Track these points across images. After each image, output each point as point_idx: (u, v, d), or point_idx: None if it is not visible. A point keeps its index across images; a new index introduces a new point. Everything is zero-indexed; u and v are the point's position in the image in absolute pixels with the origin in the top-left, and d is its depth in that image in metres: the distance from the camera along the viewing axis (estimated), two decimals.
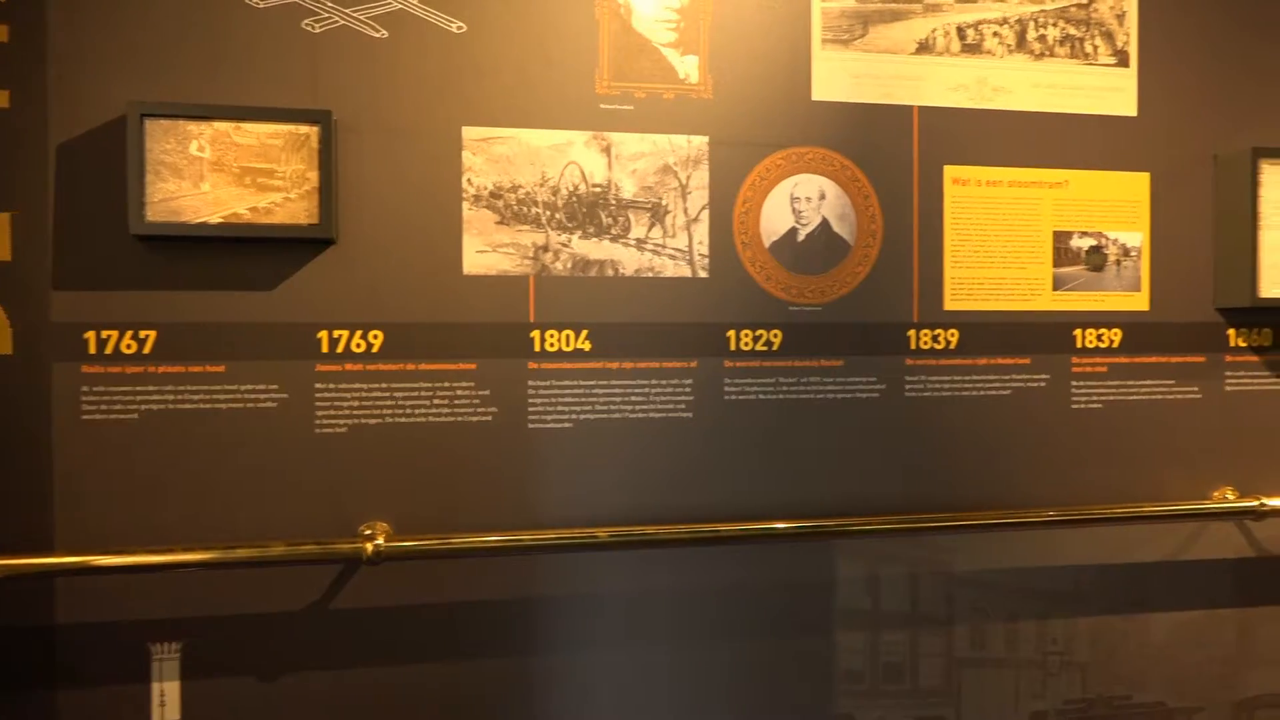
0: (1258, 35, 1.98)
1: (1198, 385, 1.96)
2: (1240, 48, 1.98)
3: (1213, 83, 1.96)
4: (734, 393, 1.76)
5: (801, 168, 1.78)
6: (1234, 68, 1.97)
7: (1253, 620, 2.00)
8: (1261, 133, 1.98)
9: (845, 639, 1.81)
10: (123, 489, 1.56)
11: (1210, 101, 1.96)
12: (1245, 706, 1.99)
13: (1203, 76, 1.96)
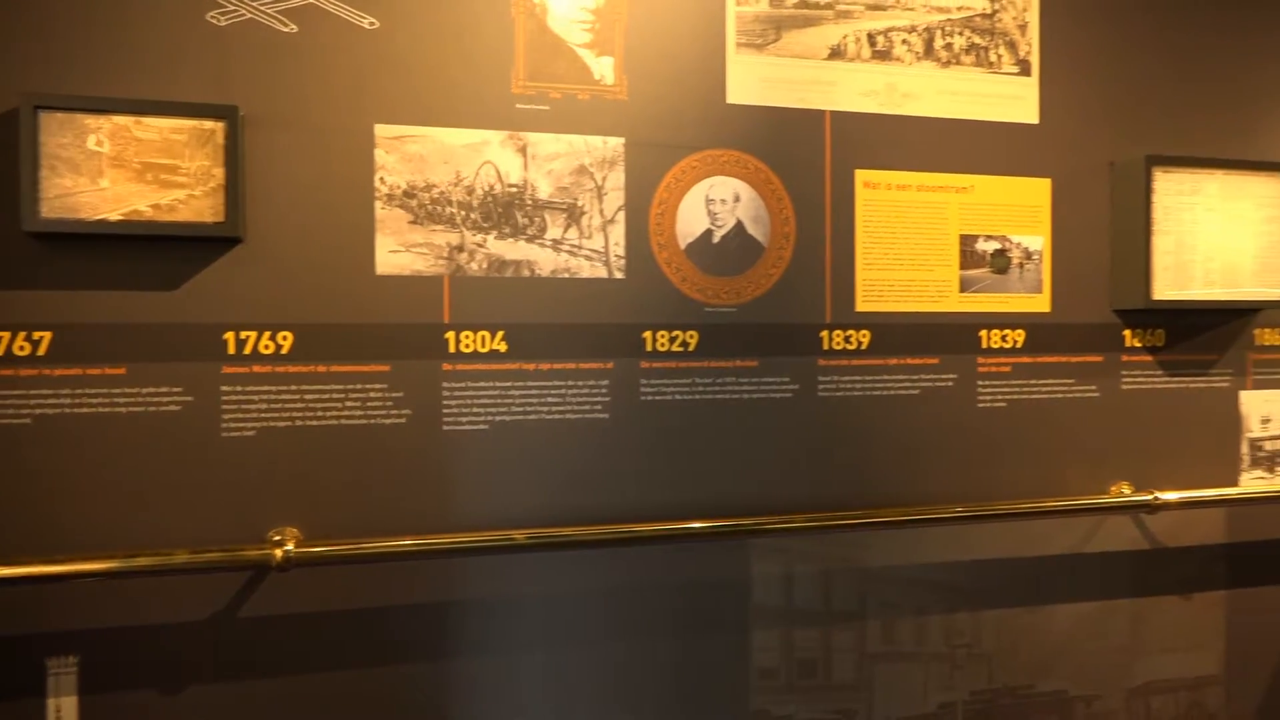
0: (1151, 49, 2.13)
1: (1096, 384, 2.09)
2: (1134, 61, 2.12)
3: (1109, 93, 2.10)
4: (650, 393, 1.82)
5: (716, 170, 1.85)
6: (1129, 79, 2.12)
7: (1147, 610, 2.14)
8: (1155, 141, 2.12)
9: (760, 637, 1.89)
10: (16, 496, 1.54)
11: (1107, 111, 2.10)
12: (1140, 692, 2.14)
13: (1100, 87, 2.10)
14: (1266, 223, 2.13)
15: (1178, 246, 2.06)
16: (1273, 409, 2.23)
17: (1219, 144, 2.18)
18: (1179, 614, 2.16)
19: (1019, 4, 2.03)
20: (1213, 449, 2.18)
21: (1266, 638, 2.25)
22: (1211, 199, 2.09)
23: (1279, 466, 2.24)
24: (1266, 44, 2.22)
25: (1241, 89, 2.21)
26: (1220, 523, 2.20)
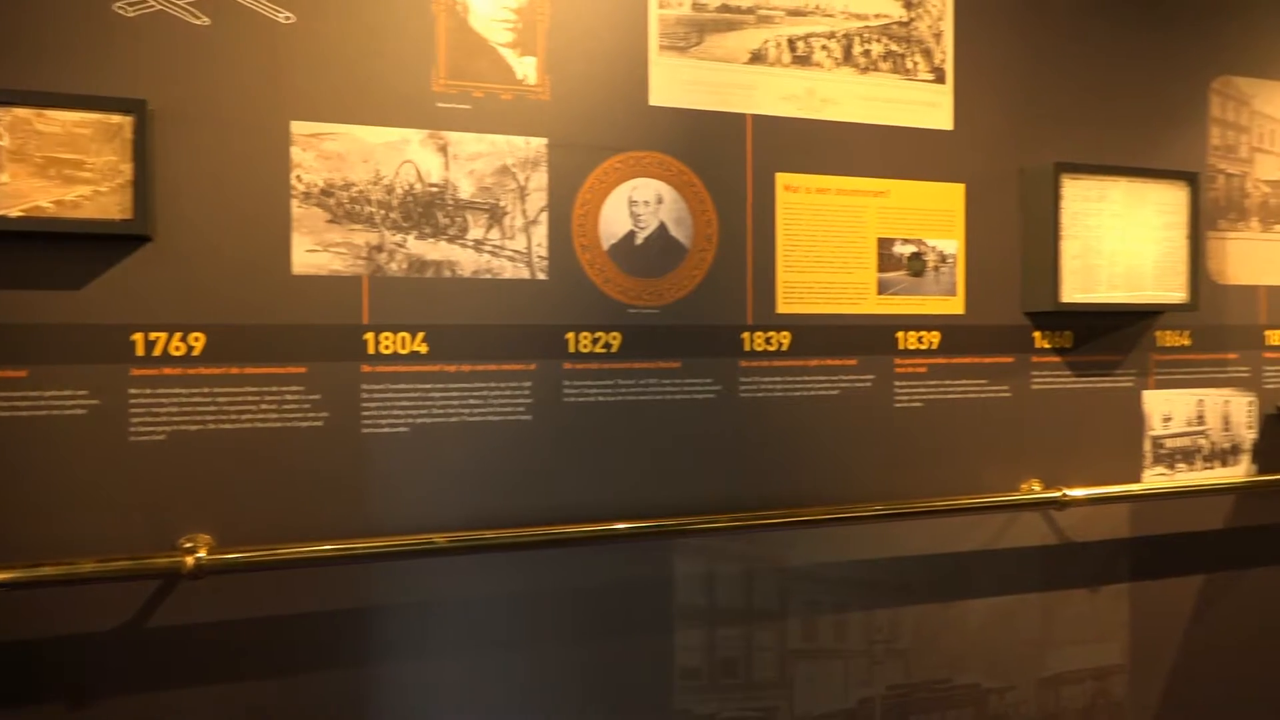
0: (1059, 63, 2.24)
1: (1008, 384, 2.19)
2: (1043, 72, 2.23)
3: (1020, 102, 2.21)
4: (573, 395, 1.85)
5: (639, 172, 1.89)
6: (1038, 90, 2.22)
7: (1056, 603, 2.25)
8: (1062, 149, 2.24)
9: (683, 636, 1.93)
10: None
11: (1018, 119, 2.20)
12: (1050, 683, 2.25)
13: (1011, 96, 2.20)
14: (1166, 229, 2.25)
15: (1084, 251, 2.17)
16: (1173, 408, 2.37)
17: (1123, 153, 2.30)
18: (1086, 606, 2.28)
19: (934, 13, 2.11)
20: (1117, 447, 2.30)
21: (1167, 628, 2.39)
22: (1116, 205, 2.21)
23: (1179, 464, 2.38)
24: (1164, 64, 2.35)
25: (1143, 103, 2.33)
26: (1124, 518, 2.32)
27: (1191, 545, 2.41)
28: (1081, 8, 2.26)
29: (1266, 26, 2.48)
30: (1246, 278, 2.46)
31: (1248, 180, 2.47)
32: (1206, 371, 2.41)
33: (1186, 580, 2.41)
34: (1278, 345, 2.50)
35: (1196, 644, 2.42)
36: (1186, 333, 2.38)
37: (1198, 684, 2.42)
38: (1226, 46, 2.43)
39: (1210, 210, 2.41)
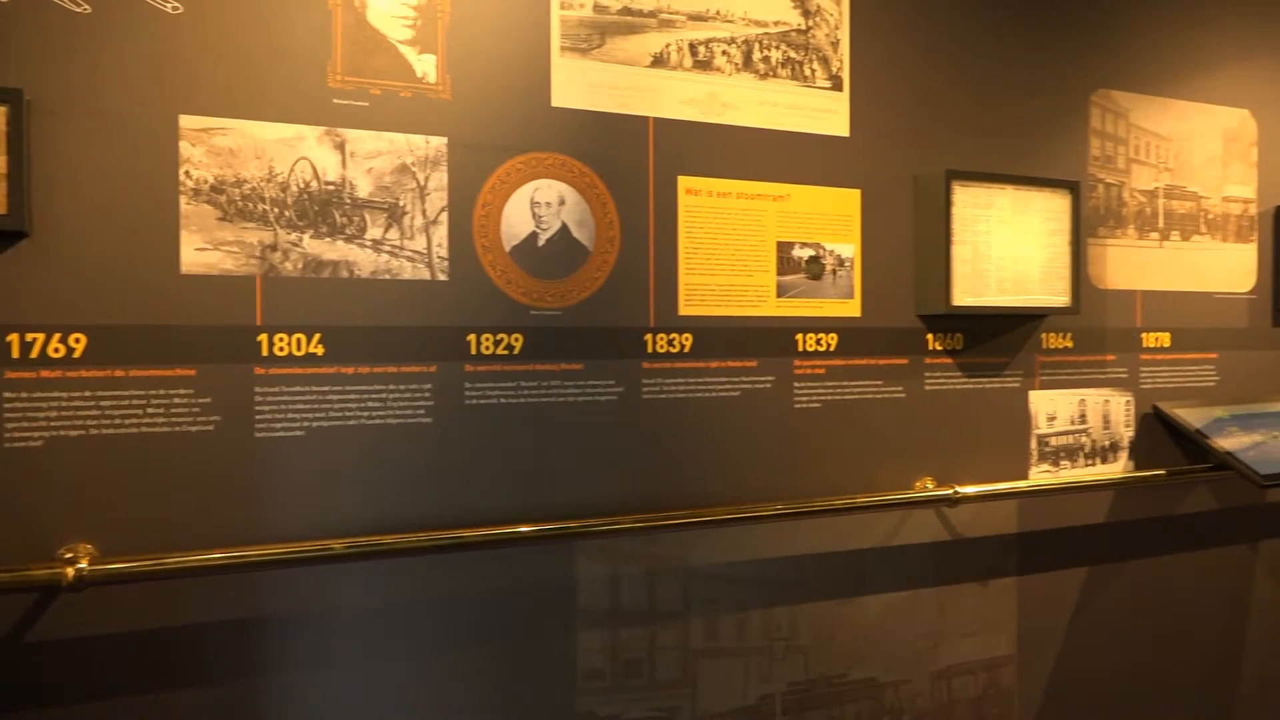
0: (951, 74, 2.36)
1: (902, 385, 2.30)
2: (936, 83, 2.34)
3: (914, 111, 2.31)
4: (475, 397, 1.87)
5: (541, 173, 1.92)
6: (931, 99, 2.34)
7: (949, 597, 2.37)
8: (953, 157, 2.35)
9: (586, 638, 1.97)
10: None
11: (911, 127, 2.31)
12: (943, 675, 2.36)
13: (905, 104, 2.30)
14: (1050, 235, 2.39)
15: (974, 255, 2.29)
16: (1057, 407, 2.51)
17: (1010, 162, 2.44)
18: (977, 600, 2.40)
19: (831, 22, 2.20)
20: (1006, 445, 2.43)
21: (1053, 619, 2.53)
22: (1003, 212, 2.34)
23: (1063, 461, 2.53)
24: (1048, 76, 2.50)
25: (1028, 113, 2.47)
26: (1012, 514, 2.45)
27: (1075, 539, 2.56)
28: (971, 21, 2.39)
29: (1142, 44, 2.66)
30: (1124, 283, 2.63)
31: (1125, 190, 2.64)
32: (1088, 372, 2.56)
33: (1070, 573, 2.55)
34: (1153, 347, 2.67)
35: (1080, 634, 2.57)
36: (1069, 335, 2.53)
37: (1082, 672, 2.57)
38: (1105, 61, 2.59)
39: (1090, 218, 2.56)
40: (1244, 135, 2.84)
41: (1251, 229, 2.85)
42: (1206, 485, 2.77)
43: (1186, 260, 2.74)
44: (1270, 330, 2.89)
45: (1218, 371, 2.79)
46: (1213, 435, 2.60)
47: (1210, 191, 2.77)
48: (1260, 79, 2.87)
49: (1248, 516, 2.87)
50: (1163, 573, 2.71)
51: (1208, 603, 2.80)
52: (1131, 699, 2.67)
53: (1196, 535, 2.77)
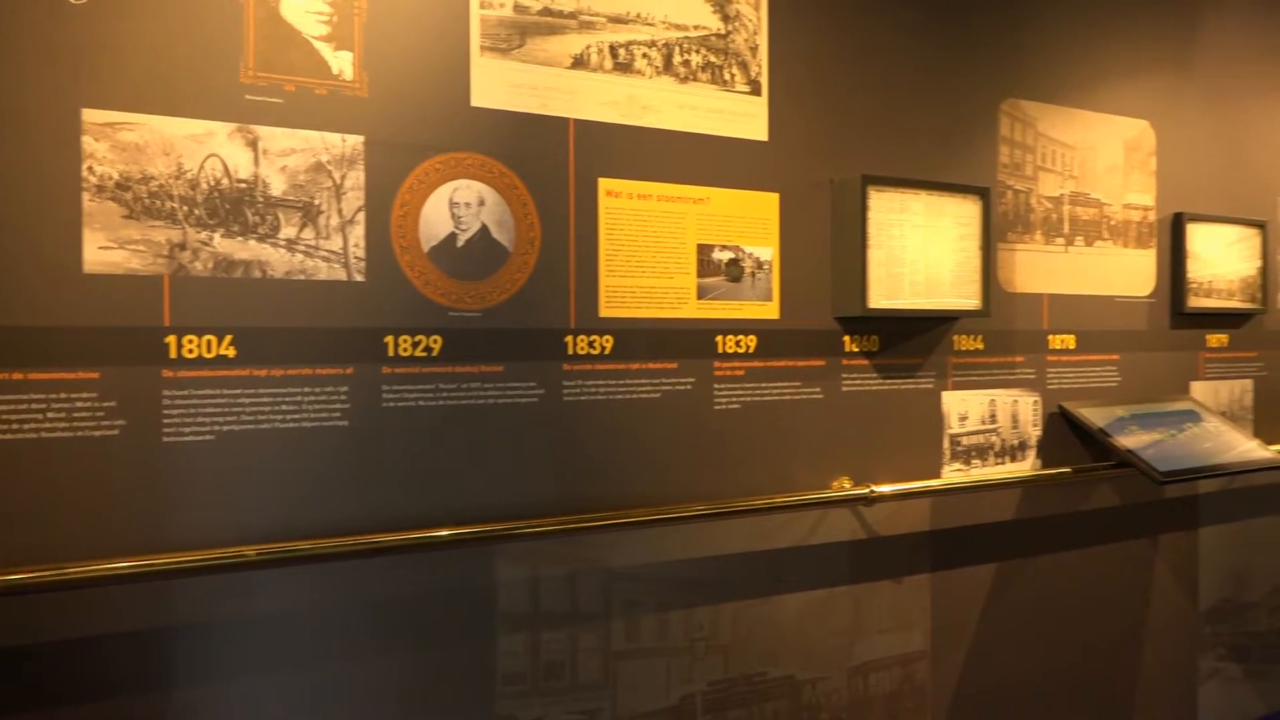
0: (866, 78, 2.42)
1: (820, 386, 2.35)
2: (853, 89, 2.40)
3: (831, 116, 2.37)
4: (393, 400, 1.85)
5: (460, 173, 1.92)
6: (848, 105, 2.39)
7: (865, 594, 2.43)
8: (869, 162, 2.41)
9: (507, 641, 1.97)
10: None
11: (828, 132, 2.36)
12: (859, 671, 2.42)
13: (822, 109, 2.36)
14: (962, 239, 2.47)
15: (889, 259, 2.36)
16: (969, 407, 2.60)
17: (923, 167, 2.51)
18: (892, 597, 2.47)
19: (750, 27, 2.24)
20: (919, 444, 2.51)
21: (964, 614, 2.61)
22: (917, 216, 2.41)
23: (974, 460, 2.61)
24: (960, 85, 2.58)
25: (942, 120, 2.55)
26: (926, 512, 2.53)
27: (985, 536, 2.64)
28: (886, 30, 2.45)
29: (1048, 55, 2.76)
30: (1031, 286, 2.73)
31: (1032, 196, 2.74)
32: (997, 373, 2.65)
33: (980, 569, 2.64)
34: (1059, 349, 2.78)
35: (990, 627, 2.66)
36: (980, 337, 2.62)
37: (992, 664, 2.66)
38: (1014, 71, 2.69)
39: (1000, 223, 2.66)
40: (1144, 145, 2.98)
41: (1151, 235, 2.99)
42: (1109, 482, 2.89)
43: (1090, 265, 2.85)
44: (1168, 332, 3.03)
45: (1119, 372, 2.91)
46: (1115, 434, 2.71)
47: (1112, 199, 2.90)
48: (1159, 91, 3.01)
49: (1148, 512, 3.00)
50: (1068, 567, 2.82)
51: (1111, 595, 2.92)
52: (1039, 689, 2.77)
53: (1100, 530, 2.89)
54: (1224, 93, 3.18)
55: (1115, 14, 2.91)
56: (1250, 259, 3.16)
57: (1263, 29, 3.29)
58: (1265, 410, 3.28)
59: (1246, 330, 3.24)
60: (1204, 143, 3.12)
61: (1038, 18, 2.74)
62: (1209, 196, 3.12)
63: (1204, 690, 3.15)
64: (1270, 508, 3.32)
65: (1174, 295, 3.02)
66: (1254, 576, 3.29)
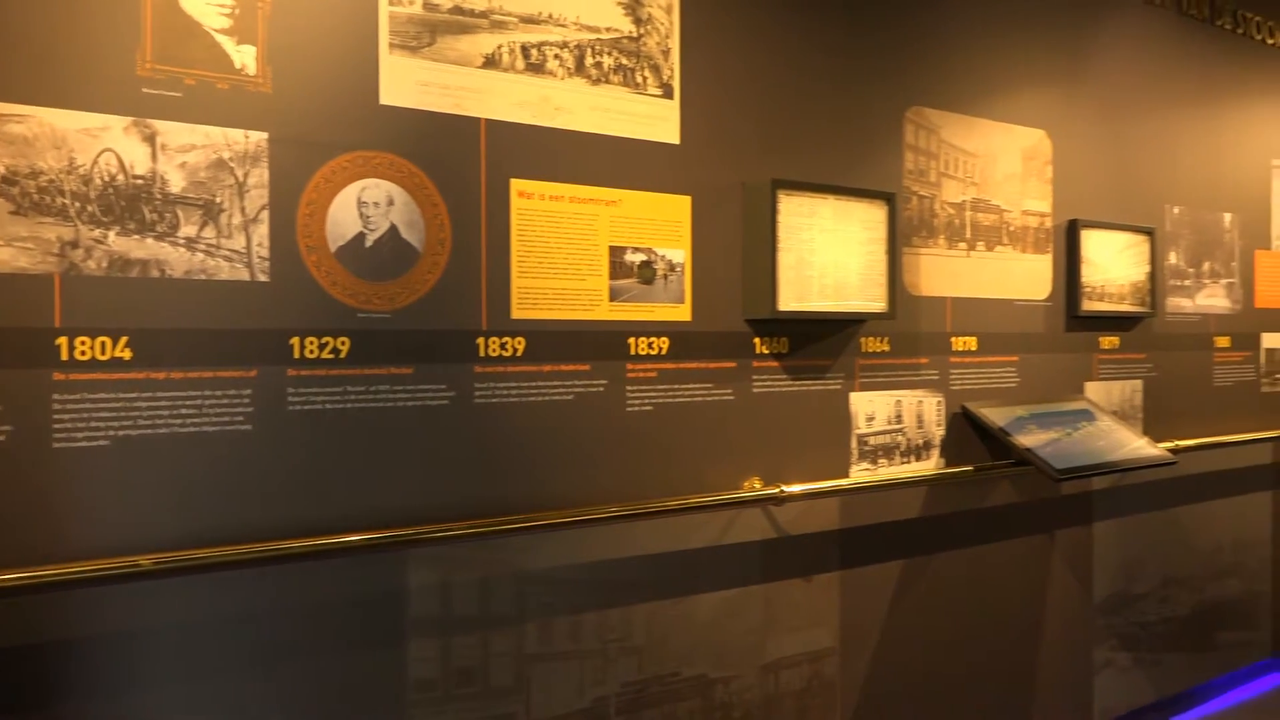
0: (776, 84, 2.46)
1: (731, 388, 2.38)
2: (764, 94, 2.44)
3: (742, 120, 2.40)
4: (298, 403, 1.82)
5: (369, 172, 1.89)
6: (758, 110, 2.43)
7: (775, 593, 2.47)
8: (780, 166, 2.46)
9: (418, 648, 1.95)
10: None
11: (739, 136, 2.40)
12: (770, 669, 2.46)
13: (734, 114, 2.39)
14: (869, 244, 2.53)
15: (798, 263, 2.40)
16: (876, 408, 2.66)
17: (832, 172, 2.57)
18: (801, 595, 2.51)
19: (662, 31, 2.26)
20: (828, 444, 2.56)
21: (871, 610, 2.68)
22: (825, 220, 2.46)
23: (881, 459, 2.68)
24: (867, 92, 2.65)
25: (849, 127, 2.61)
26: (834, 511, 2.58)
27: (891, 533, 2.71)
28: (796, 37, 2.50)
29: (951, 64, 2.85)
30: (935, 290, 2.82)
31: (936, 202, 2.82)
32: (903, 374, 2.73)
33: (887, 566, 2.71)
34: (961, 351, 2.87)
35: (896, 622, 2.73)
36: (886, 339, 2.68)
37: (898, 658, 2.73)
38: (918, 79, 2.77)
39: (905, 228, 2.73)
40: (1040, 154, 3.09)
41: (1047, 241, 3.11)
42: (1009, 480, 3.00)
43: (991, 269, 2.95)
44: (1064, 335, 3.15)
45: (1018, 373, 3.02)
46: (1014, 433, 2.81)
47: (1011, 205, 3.01)
48: (1054, 102, 3.13)
49: (1045, 508, 3.12)
50: (971, 563, 2.91)
51: (1011, 589, 3.03)
52: (943, 683, 2.86)
53: (1000, 527, 2.99)
54: (1115, 106, 3.33)
55: (1014, 27, 3.02)
56: (1140, 264, 3.30)
57: (1151, 47, 3.45)
58: (1153, 409, 3.44)
59: (1136, 332, 3.39)
60: (1097, 153, 3.26)
61: (941, 28, 2.82)
62: (1101, 204, 3.26)
63: (1099, 680, 3.29)
64: (1158, 503, 3.48)
65: (1069, 299, 3.15)
66: (1144, 569, 3.45)
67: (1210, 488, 3.67)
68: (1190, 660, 3.62)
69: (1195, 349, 3.61)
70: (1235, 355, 3.76)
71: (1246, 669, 3.84)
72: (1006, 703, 3.02)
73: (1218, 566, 3.71)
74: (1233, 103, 3.76)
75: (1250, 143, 3.84)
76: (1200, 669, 3.66)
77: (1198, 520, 3.63)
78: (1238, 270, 3.77)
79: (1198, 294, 3.62)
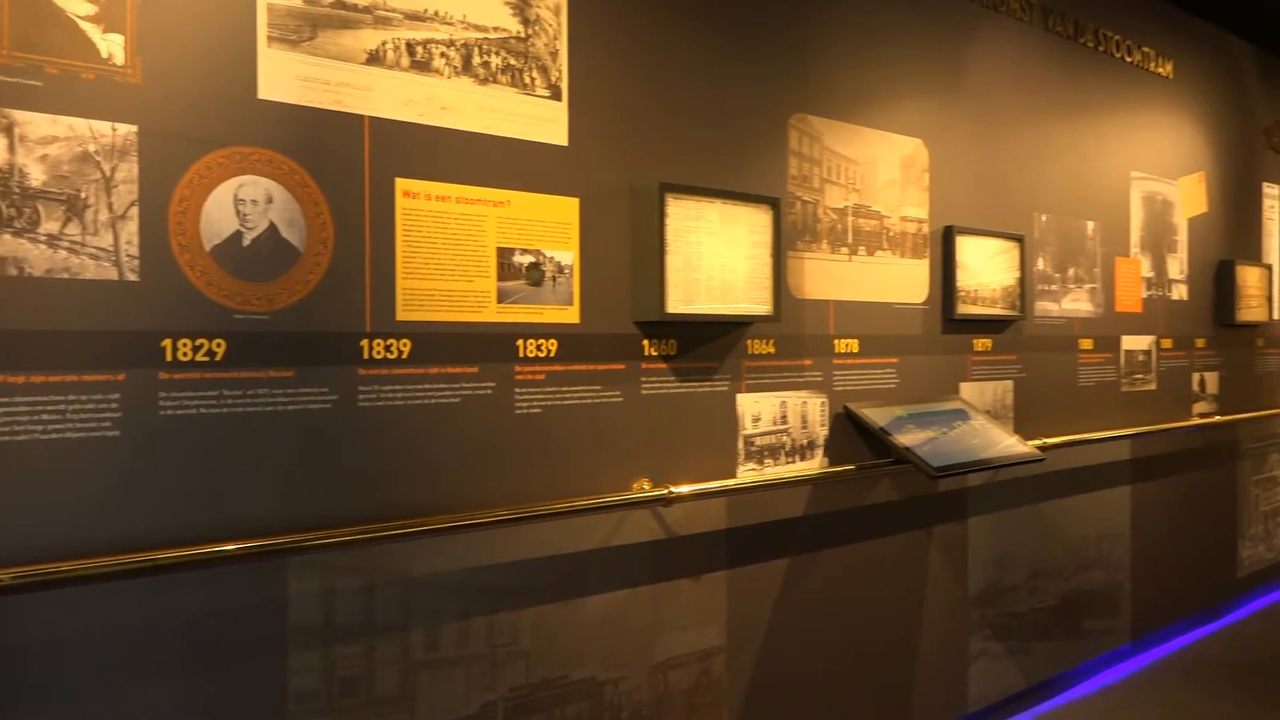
0: (664, 88, 2.49)
1: (620, 390, 2.40)
2: (652, 98, 2.46)
3: (630, 123, 2.42)
4: (171, 407, 1.75)
5: (247, 169, 1.83)
6: (647, 114, 2.46)
7: (664, 593, 2.50)
8: (668, 170, 2.49)
9: (300, 659, 1.89)
10: None
11: (628, 139, 2.42)
12: (659, 668, 2.48)
13: (622, 116, 2.41)
14: (754, 247, 2.59)
15: (686, 265, 2.43)
16: (761, 409, 2.72)
17: (719, 177, 2.61)
18: (690, 594, 2.55)
19: (550, 32, 2.26)
20: (715, 445, 2.60)
21: (758, 608, 2.73)
22: (713, 224, 2.50)
23: (767, 459, 2.73)
24: (753, 98, 2.70)
25: (735, 132, 2.66)
26: (722, 511, 2.63)
27: (777, 532, 2.77)
28: (683, 42, 2.53)
29: (833, 73, 2.93)
30: (819, 293, 2.89)
31: (819, 207, 2.90)
32: (788, 376, 2.79)
33: (773, 564, 2.77)
34: (844, 353, 2.95)
35: (782, 619, 2.79)
36: (771, 341, 2.74)
37: (784, 656, 2.80)
38: (802, 87, 2.84)
39: (790, 232, 2.80)
40: (918, 162, 3.21)
41: (925, 246, 3.22)
42: (889, 478, 3.10)
43: (872, 273, 3.05)
44: (940, 337, 3.28)
45: (898, 374, 3.13)
46: (894, 432, 2.91)
47: (891, 211, 3.11)
48: (931, 113, 3.25)
49: (923, 505, 3.23)
50: (853, 559, 3.00)
51: (892, 584, 3.13)
52: (827, 677, 2.93)
53: (881, 524, 3.09)
54: (988, 117, 3.48)
55: (893, 38, 3.12)
56: (1011, 270, 3.46)
57: (1020, 61, 3.62)
58: (1023, 408, 3.60)
59: (1007, 335, 3.55)
60: (970, 162, 3.40)
61: (823, 38, 2.90)
62: (975, 211, 3.40)
63: (973, 669, 3.43)
64: (1027, 498, 3.65)
65: (945, 303, 3.27)
66: (1014, 562, 3.61)
67: (1075, 483, 3.87)
68: (1057, 648, 3.80)
69: (1061, 351, 3.80)
70: (1097, 357, 3.97)
71: (1109, 654, 4.06)
72: (887, 694, 3.13)
73: (1082, 558, 3.91)
74: (1095, 117, 3.97)
75: (1111, 155, 4.06)
76: (1066, 656, 3.86)
77: (1064, 514, 3.82)
78: (1100, 276, 3.99)
79: (1063, 298, 3.81)
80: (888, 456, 2.96)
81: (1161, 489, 4.33)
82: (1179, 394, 4.45)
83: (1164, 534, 4.35)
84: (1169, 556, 4.38)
